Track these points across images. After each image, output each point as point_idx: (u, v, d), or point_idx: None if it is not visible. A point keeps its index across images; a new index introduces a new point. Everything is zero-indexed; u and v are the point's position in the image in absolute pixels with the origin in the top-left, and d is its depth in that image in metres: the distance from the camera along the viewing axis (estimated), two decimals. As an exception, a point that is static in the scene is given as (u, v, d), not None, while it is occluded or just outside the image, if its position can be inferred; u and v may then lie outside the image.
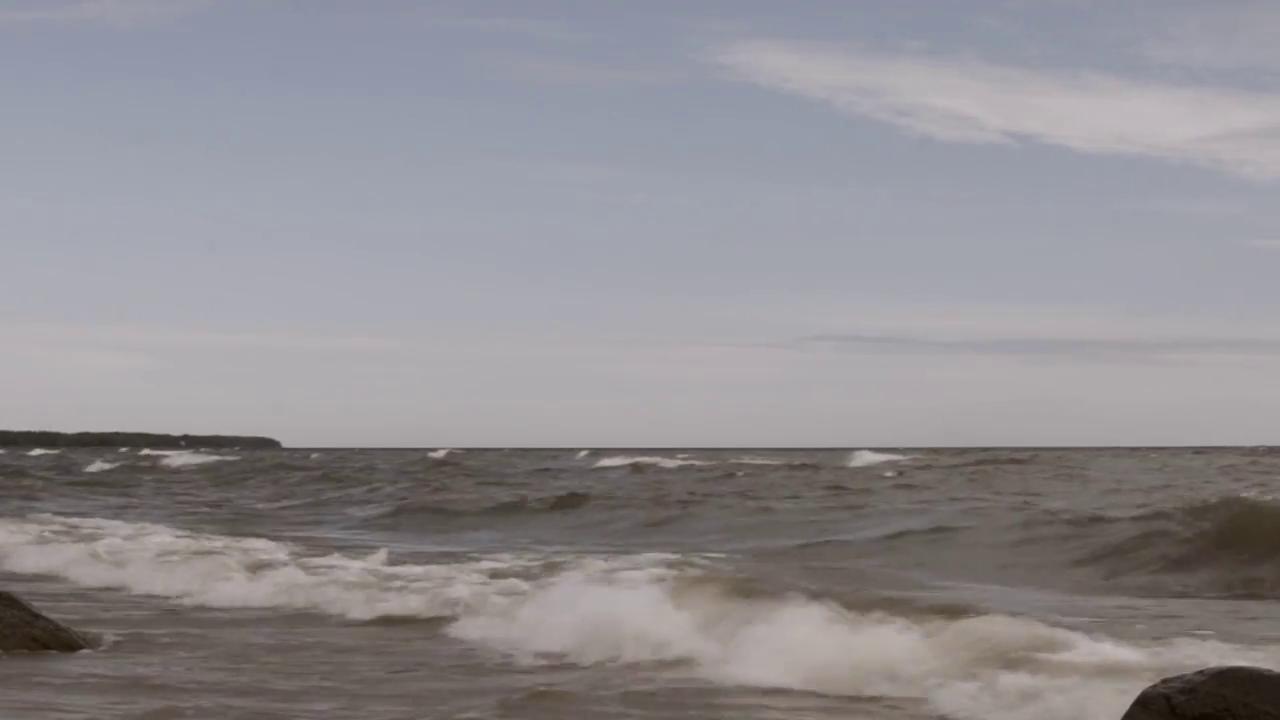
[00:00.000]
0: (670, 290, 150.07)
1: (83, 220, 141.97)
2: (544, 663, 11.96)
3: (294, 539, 24.66)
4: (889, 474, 50.69)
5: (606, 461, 68.92)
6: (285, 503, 42.08)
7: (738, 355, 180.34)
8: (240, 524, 31.00)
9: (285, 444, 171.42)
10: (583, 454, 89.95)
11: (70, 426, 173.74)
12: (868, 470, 54.71)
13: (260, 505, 41.13)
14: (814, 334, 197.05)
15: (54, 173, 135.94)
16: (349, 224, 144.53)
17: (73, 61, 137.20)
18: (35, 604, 13.41)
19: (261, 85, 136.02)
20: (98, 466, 76.35)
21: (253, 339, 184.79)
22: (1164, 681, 7.86)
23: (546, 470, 63.50)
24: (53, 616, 13.17)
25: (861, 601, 12.50)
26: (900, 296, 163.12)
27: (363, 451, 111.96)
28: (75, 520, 28.71)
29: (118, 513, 34.39)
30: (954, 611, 12.02)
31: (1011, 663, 10.26)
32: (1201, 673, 7.80)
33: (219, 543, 22.59)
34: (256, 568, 18.58)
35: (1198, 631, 12.06)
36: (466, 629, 13.88)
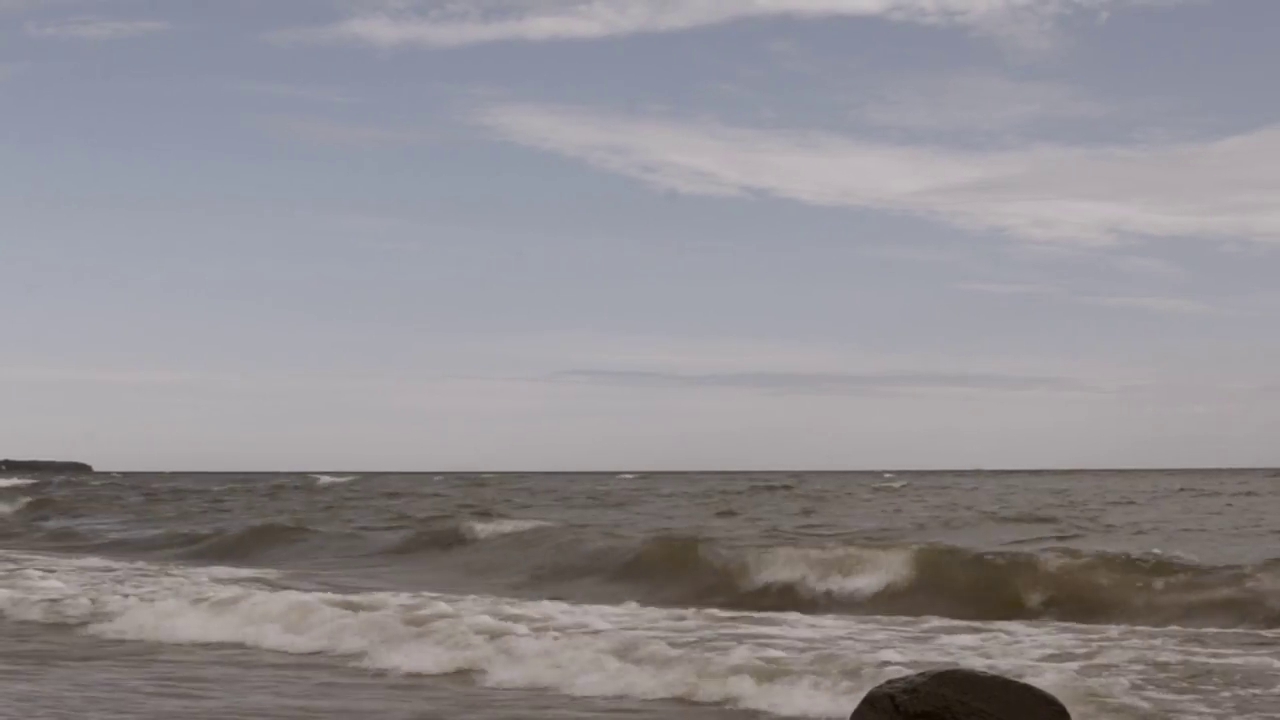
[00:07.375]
0: (442, 329, 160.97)
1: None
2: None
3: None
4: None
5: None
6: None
7: (501, 388, 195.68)
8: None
9: (96, 468, 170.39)
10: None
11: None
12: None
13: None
14: (570, 368, 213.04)
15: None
16: (155, 269, 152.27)
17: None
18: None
19: (73, 143, 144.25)
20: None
21: (67, 373, 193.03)
22: (889, 682, 8.08)
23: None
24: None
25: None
26: (649, 334, 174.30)
27: (173, 475, 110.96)
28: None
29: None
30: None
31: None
32: (923, 674, 8.03)
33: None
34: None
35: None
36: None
